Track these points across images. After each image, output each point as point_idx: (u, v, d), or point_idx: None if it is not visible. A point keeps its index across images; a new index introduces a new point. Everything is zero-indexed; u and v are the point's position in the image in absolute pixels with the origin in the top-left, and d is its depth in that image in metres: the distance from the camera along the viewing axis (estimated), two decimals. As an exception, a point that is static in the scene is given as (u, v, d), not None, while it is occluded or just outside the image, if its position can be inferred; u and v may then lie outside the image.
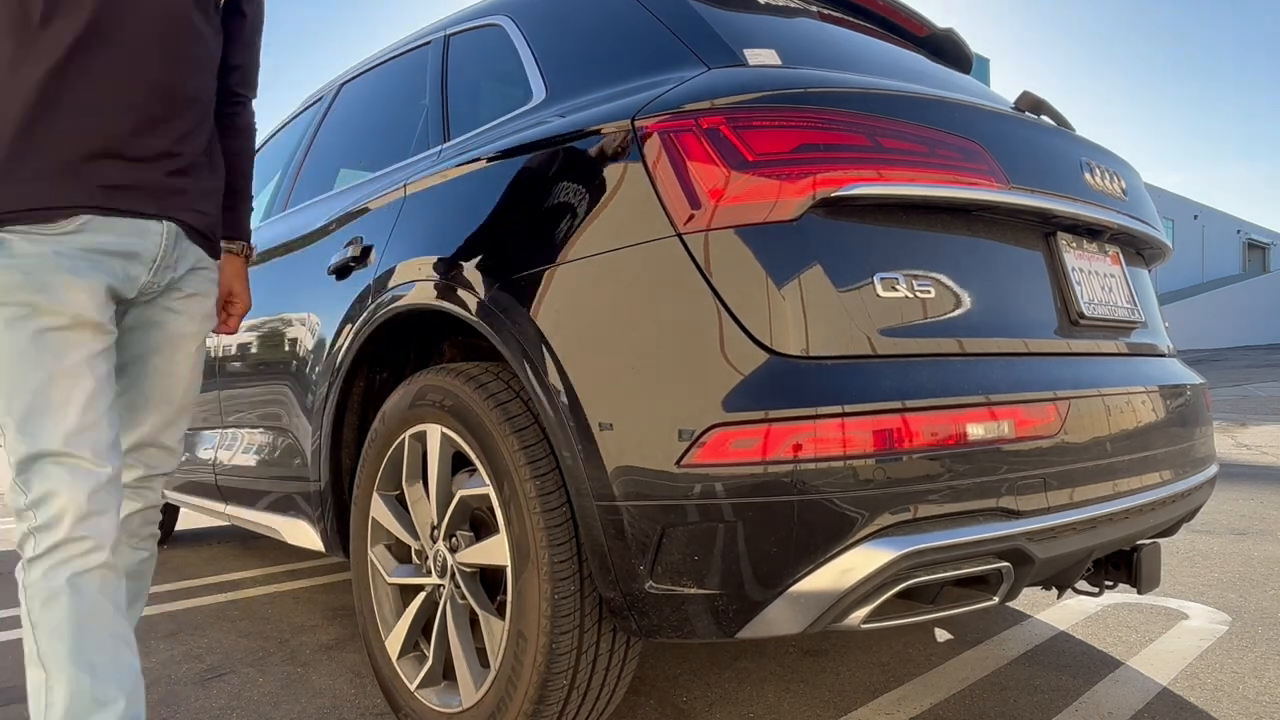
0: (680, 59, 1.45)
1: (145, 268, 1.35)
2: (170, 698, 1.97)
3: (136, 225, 1.32)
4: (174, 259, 1.39)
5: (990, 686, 1.90)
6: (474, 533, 1.59)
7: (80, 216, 1.25)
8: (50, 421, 1.19)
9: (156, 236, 1.34)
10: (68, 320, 1.22)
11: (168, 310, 1.43)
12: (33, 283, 1.20)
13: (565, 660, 1.37)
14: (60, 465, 1.19)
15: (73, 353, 1.22)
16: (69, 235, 1.24)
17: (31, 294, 1.20)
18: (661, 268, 1.26)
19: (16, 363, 1.19)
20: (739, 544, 1.18)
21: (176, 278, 1.42)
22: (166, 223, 1.36)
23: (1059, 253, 1.55)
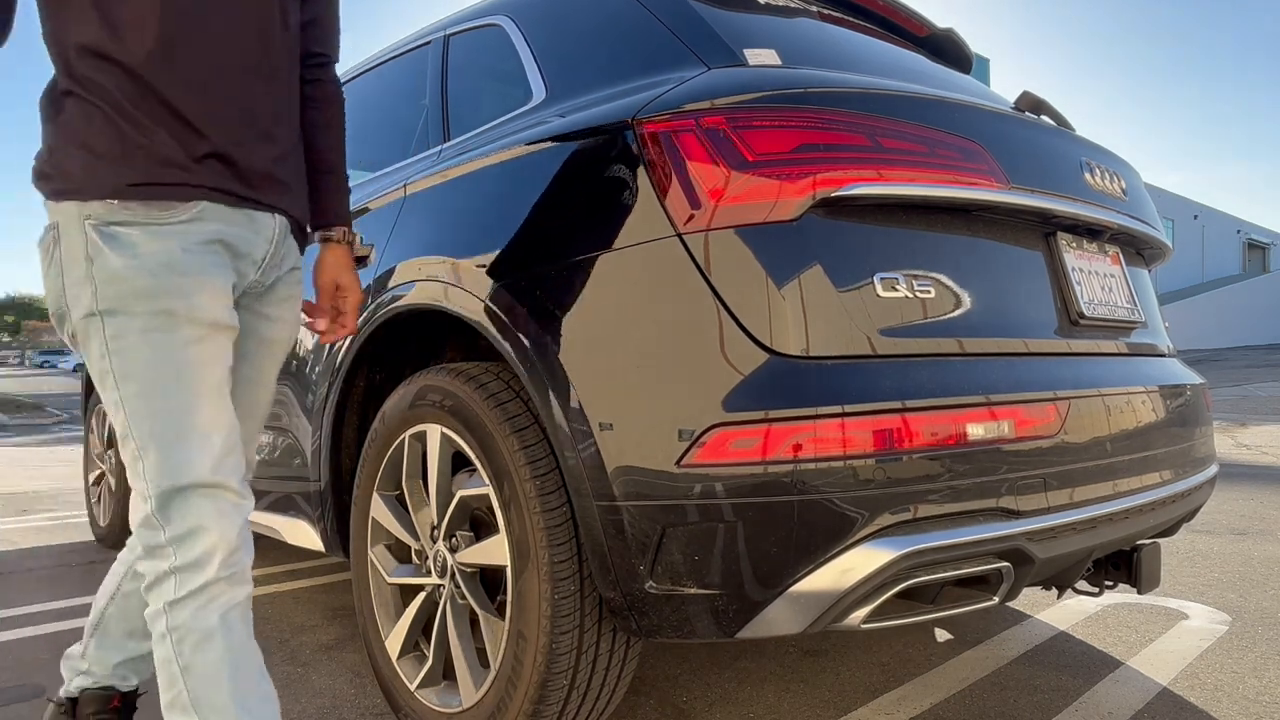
0: (680, 59, 1.45)
1: (254, 266, 1.23)
2: (170, 698, 1.96)
3: (250, 218, 1.20)
4: (279, 257, 1.27)
5: (990, 686, 1.90)
6: (474, 533, 1.59)
7: (198, 203, 1.13)
8: (197, 449, 1.07)
9: (269, 231, 1.23)
10: (205, 328, 1.10)
11: (262, 316, 1.30)
12: (164, 286, 1.07)
13: (565, 660, 1.37)
14: (208, 498, 1.08)
15: (214, 367, 1.11)
16: (188, 224, 1.12)
17: (166, 300, 1.07)
18: (662, 268, 1.26)
19: (157, 381, 1.07)
20: (739, 544, 1.18)
21: (280, 277, 1.30)
22: (278, 216, 1.24)
23: (1059, 253, 1.55)
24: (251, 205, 1.19)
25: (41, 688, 2.04)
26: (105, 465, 3.79)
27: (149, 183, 1.09)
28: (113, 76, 1.09)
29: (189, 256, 1.10)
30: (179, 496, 1.07)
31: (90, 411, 3.97)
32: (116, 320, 1.07)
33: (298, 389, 2.11)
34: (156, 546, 1.07)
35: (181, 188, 1.11)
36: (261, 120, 1.21)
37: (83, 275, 1.07)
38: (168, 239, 1.09)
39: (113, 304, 1.07)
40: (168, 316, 1.07)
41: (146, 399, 1.06)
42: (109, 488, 3.71)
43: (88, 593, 2.95)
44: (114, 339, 1.07)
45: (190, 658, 1.06)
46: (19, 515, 4.83)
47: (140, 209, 1.09)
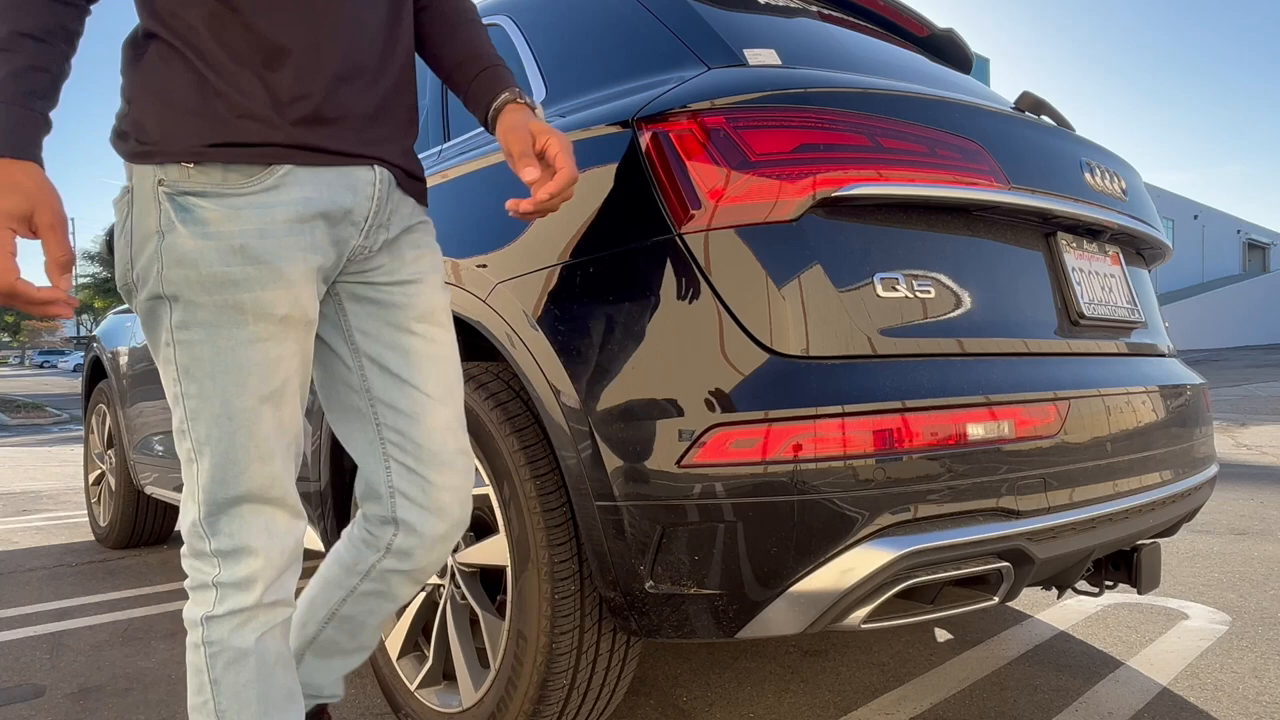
0: (680, 59, 1.45)
1: (356, 230, 1.08)
2: (170, 698, 1.97)
3: (344, 175, 1.05)
4: (385, 215, 1.11)
5: (990, 686, 1.90)
6: (474, 533, 1.59)
7: (282, 166, 1.00)
8: (256, 458, 0.99)
9: (368, 188, 1.07)
10: (277, 325, 0.99)
11: (386, 286, 1.13)
12: (234, 276, 0.97)
13: (565, 660, 1.37)
14: (261, 514, 1.01)
15: (283, 367, 1.01)
16: (271, 193, 0.99)
17: (234, 292, 0.97)
18: (662, 268, 1.26)
19: (219, 383, 0.98)
20: (739, 544, 1.18)
21: (390, 239, 1.12)
22: (378, 168, 1.08)
23: (1059, 253, 1.55)
24: (346, 160, 1.05)
25: (42, 688, 2.04)
26: (105, 465, 3.79)
27: (228, 142, 0.97)
28: (196, 8, 0.97)
29: (266, 240, 0.98)
30: (230, 509, 1.00)
31: (90, 411, 3.97)
32: (182, 308, 0.97)
33: (298, 389, 2.11)
34: (201, 554, 1.02)
35: (265, 149, 0.98)
36: (364, 54, 1.06)
37: (152, 252, 0.97)
38: (245, 215, 0.97)
39: (179, 290, 0.97)
40: (235, 311, 0.97)
41: (206, 400, 0.98)
42: (109, 488, 3.72)
43: (88, 593, 2.95)
44: (179, 328, 0.98)
45: (221, 674, 1.02)
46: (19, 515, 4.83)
47: (218, 174, 0.97)
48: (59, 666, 2.19)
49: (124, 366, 3.44)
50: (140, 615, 2.66)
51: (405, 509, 1.16)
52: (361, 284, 1.13)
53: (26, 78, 0.92)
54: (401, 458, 1.14)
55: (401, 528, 1.17)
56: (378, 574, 1.20)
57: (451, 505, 1.17)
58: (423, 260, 1.16)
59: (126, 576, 3.19)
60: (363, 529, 1.21)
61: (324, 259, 1.04)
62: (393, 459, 1.14)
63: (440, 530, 1.17)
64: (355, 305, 1.13)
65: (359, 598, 1.23)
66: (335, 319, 1.15)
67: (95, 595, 2.91)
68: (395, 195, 1.12)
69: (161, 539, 3.79)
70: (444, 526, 1.17)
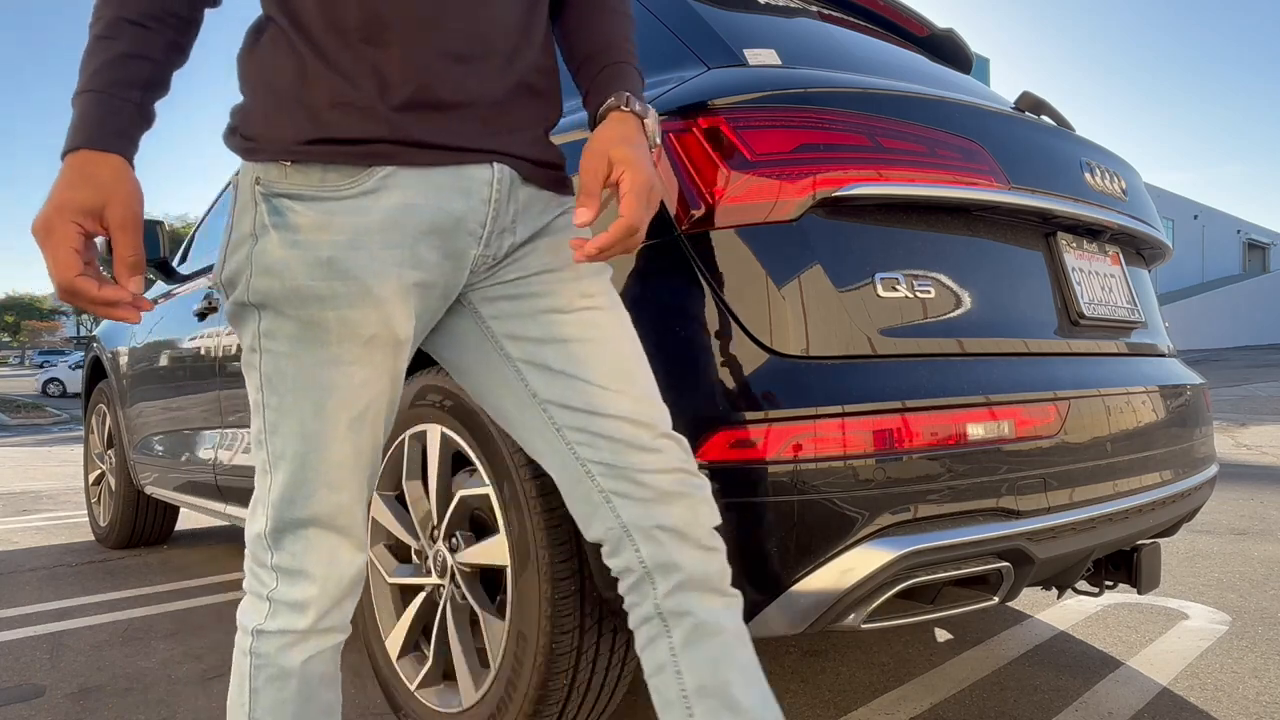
0: (680, 59, 1.45)
1: (474, 240, 0.96)
2: (170, 698, 1.97)
3: (457, 176, 0.93)
4: (509, 219, 0.98)
5: (990, 686, 1.90)
6: (474, 533, 1.59)
7: (381, 168, 0.90)
8: (324, 485, 0.94)
9: (484, 189, 0.95)
10: (363, 345, 0.91)
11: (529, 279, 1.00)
12: (319, 292, 0.89)
13: (565, 660, 1.37)
14: (325, 541, 0.95)
15: (366, 391, 0.93)
16: (369, 197, 0.90)
17: (318, 309, 0.90)
18: (662, 268, 1.26)
19: (299, 397, 0.92)
20: (738, 544, 1.18)
21: (519, 243, 1.00)
22: (498, 165, 0.95)
23: (1059, 253, 1.55)
24: (462, 157, 0.93)
25: (42, 688, 2.04)
26: (105, 465, 3.79)
27: (327, 139, 0.88)
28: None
29: (357, 253, 0.89)
30: (295, 529, 0.95)
31: (90, 411, 3.97)
32: (269, 317, 0.92)
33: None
34: (261, 564, 0.97)
35: (364, 146, 0.89)
36: (494, 31, 0.93)
37: (243, 258, 0.92)
38: (337, 222, 0.89)
39: (264, 299, 0.91)
40: (318, 329, 0.90)
41: (284, 416, 0.93)
42: (109, 488, 3.72)
43: (88, 593, 2.95)
44: (266, 336, 0.93)
45: (262, 686, 0.98)
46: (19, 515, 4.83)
47: (317, 174, 0.89)
48: (59, 666, 2.19)
49: (124, 366, 3.44)
50: (140, 615, 2.66)
51: (626, 510, 0.98)
52: (492, 285, 1.01)
53: (122, 66, 0.87)
54: (596, 456, 0.99)
55: (636, 536, 0.98)
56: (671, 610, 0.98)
57: (673, 486, 0.98)
58: (564, 246, 1.02)
59: (126, 576, 3.19)
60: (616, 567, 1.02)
61: (426, 274, 0.93)
62: (588, 461, 0.99)
63: (675, 517, 0.97)
64: (493, 309, 1.01)
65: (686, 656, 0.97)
66: (479, 333, 1.03)
67: (95, 595, 2.91)
68: (521, 193, 0.98)
69: (161, 539, 3.79)
70: (679, 512, 0.97)
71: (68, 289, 0.84)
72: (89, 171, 0.85)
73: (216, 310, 2.66)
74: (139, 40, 0.88)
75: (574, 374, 0.99)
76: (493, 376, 1.04)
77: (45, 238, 0.83)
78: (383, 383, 0.95)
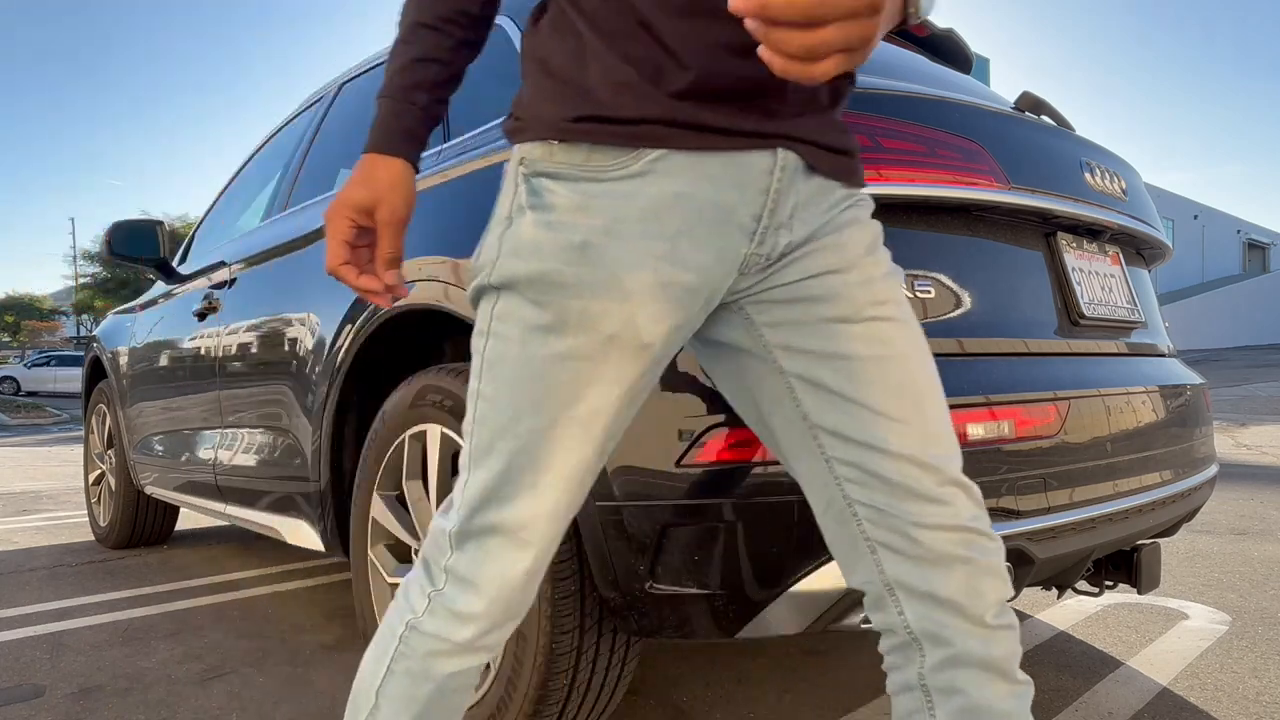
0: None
1: (744, 234, 0.84)
2: (170, 698, 1.97)
3: (734, 164, 0.82)
4: (788, 213, 0.85)
5: (990, 686, 1.90)
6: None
7: (651, 151, 0.81)
8: (527, 492, 0.85)
9: (764, 178, 0.83)
10: (600, 343, 0.82)
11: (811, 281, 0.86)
12: (564, 277, 0.82)
13: (565, 660, 1.37)
14: (508, 555, 0.87)
15: (593, 394, 0.84)
16: (631, 181, 0.82)
17: (559, 296, 0.82)
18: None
19: (517, 390, 0.84)
20: (739, 544, 1.18)
21: (797, 242, 0.86)
22: (782, 152, 0.83)
23: (1059, 253, 1.55)
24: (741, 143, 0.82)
25: (42, 688, 2.04)
26: (105, 465, 3.79)
27: (597, 116, 0.82)
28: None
29: (612, 240, 0.81)
30: (481, 535, 0.87)
31: (90, 411, 3.97)
32: (506, 299, 0.85)
33: (298, 389, 2.11)
34: (436, 560, 0.90)
35: (636, 126, 0.81)
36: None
37: (495, 241, 0.87)
38: (597, 205, 0.82)
39: (507, 281, 0.85)
40: (556, 318, 0.82)
41: (498, 408, 0.85)
42: (109, 488, 3.72)
43: (88, 593, 2.95)
44: (498, 319, 0.86)
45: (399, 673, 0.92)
46: (19, 515, 4.83)
47: (582, 153, 0.83)
48: (59, 666, 2.19)
49: (124, 366, 3.44)
50: (140, 615, 2.66)
51: (893, 565, 0.85)
52: (768, 289, 0.88)
53: (414, 70, 0.93)
54: (867, 498, 0.85)
55: (901, 595, 0.85)
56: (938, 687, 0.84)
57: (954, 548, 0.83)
58: (851, 244, 0.88)
59: (126, 576, 3.19)
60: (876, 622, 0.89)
61: (687, 273, 0.83)
62: (857, 503, 0.86)
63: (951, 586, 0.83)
64: (767, 315, 0.89)
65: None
66: (750, 340, 0.90)
67: (95, 595, 2.91)
68: (804, 184, 0.86)
69: (161, 539, 3.79)
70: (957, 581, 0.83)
71: (332, 272, 0.94)
72: (371, 173, 0.92)
73: (216, 310, 2.66)
74: (430, 43, 0.94)
75: (853, 397, 0.85)
76: (761, 390, 0.91)
77: (327, 225, 0.93)
78: (614, 391, 0.84)
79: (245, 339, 2.43)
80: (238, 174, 3.37)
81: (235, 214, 3.20)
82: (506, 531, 0.86)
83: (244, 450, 2.44)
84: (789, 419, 0.90)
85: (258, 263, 2.50)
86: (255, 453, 2.37)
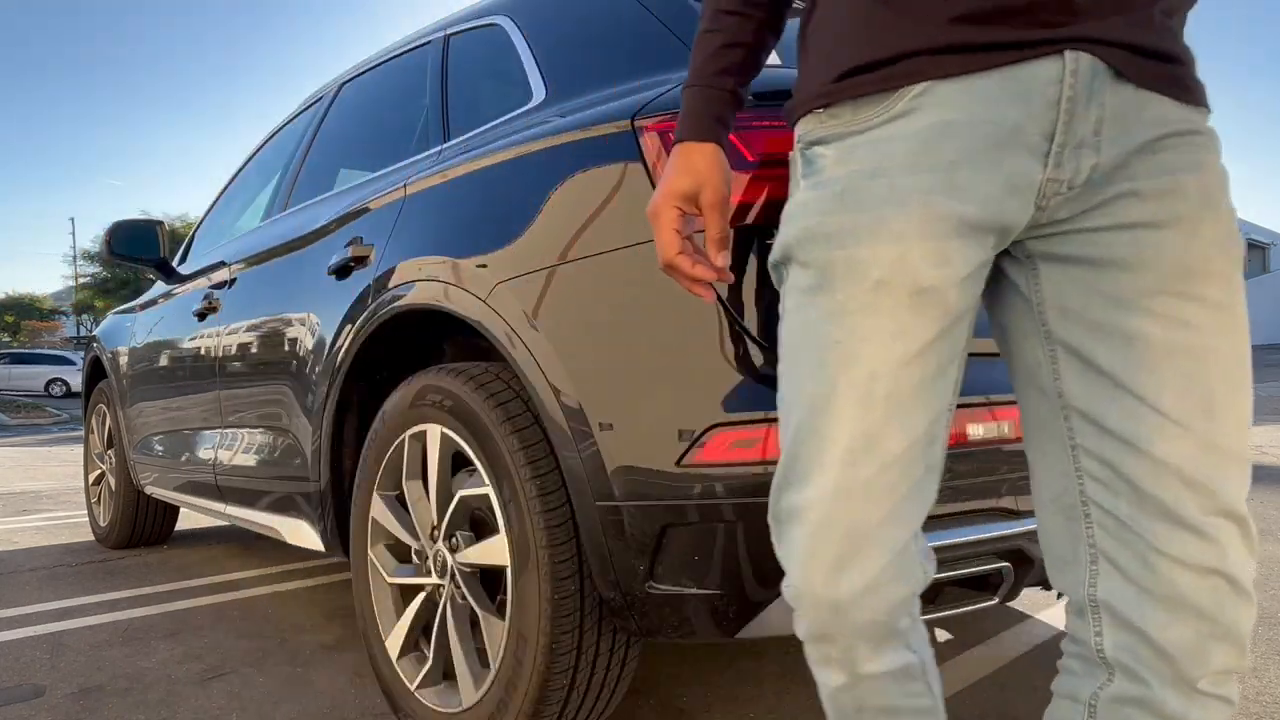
0: (680, 59, 1.45)
1: (1035, 156, 0.73)
2: (170, 698, 1.97)
3: (1012, 78, 0.72)
4: (1092, 126, 0.72)
5: (990, 686, 1.90)
6: (474, 533, 1.59)
7: (911, 87, 0.74)
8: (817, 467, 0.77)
9: (1051, 88, 0.72)
10: (869, 291, 0.75)
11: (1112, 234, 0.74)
12: (826, 228, 0.77)
13: (565, 660, 1.37)
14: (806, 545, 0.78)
15: (867, 351, 0.75)
16: (893, 124, 0.76)
17: (823, 248, 0.77)
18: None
19: (801, 356, 0.79)
20: (739, 544, 1.18)
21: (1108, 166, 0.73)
22: (1071, 55, 0.71)
23: (1059, 253, 1.55)
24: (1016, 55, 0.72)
25: (42, 688, 2.04)
26: (105, 465, 3.79)
27: (851, 69, 0.77)
28: None
29: (874, 182, 0.75)
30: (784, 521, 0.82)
31: (90, 411, 3.97)
32: (788, 272, 0.83)
33: (298, 389, 2.11)
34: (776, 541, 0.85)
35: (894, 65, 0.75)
36: None
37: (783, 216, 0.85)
38: (858, 154, 0.77)
39: (786, 252, 0.82)
40: (825, 274, 0.77)
41: (788, 381, 0.81)
42: (109, 488, 3.72)
43: (88, 593, 2.95)
44: (784, 296, 0.84)
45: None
46: (19, 515, 4.83)
47: (847, 113, 0.79)
48: (59, 666, 2.19)
49: (124, 366, 3.44)
50: (140, 615, 2.66)
51: (1110, 585, 0.74)
52: (1061, 234, 0.76)
53: (721, 56, 0.92)
54: (1107, 503, 0.74)
55: (1105, 618, 0.75)
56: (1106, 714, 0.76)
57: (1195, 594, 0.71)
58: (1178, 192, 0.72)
59: (126, 576, 3.19)
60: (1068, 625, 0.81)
61: (969, 205, 0.73)
62: (1094, 504, 0.75)
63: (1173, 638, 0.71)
64: (1051, 269, 0.77)
65: None
66: (1025, 291, 0.80)
67: (95, 595, 2.91)
68: (1110, 94, 0.72)
69: (161, 539, 3.79)
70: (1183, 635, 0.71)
71: (668, 264, 0.93)
72: (688, 160, 0.92)
73: (216, 310, 2.66)
74: (733, 29, 0.93)
75: (1126, 383, 0.72)
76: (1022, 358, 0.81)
77: (654, 220, 0.93)
78: (894, 350, 0.75)
79: (245, 339, 2.43)
80: (238, 174, 3.37)
81: (235, 214, 3.21)
82: (805, 518, 0.78)
83: (244, 450, 2.44)
84: (1044, 390, 0.79)
85: (258, 263, 2.50)
86: (255, 453, 2.37)
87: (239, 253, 2.68)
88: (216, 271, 2.79)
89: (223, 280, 2.69)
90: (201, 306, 2.75)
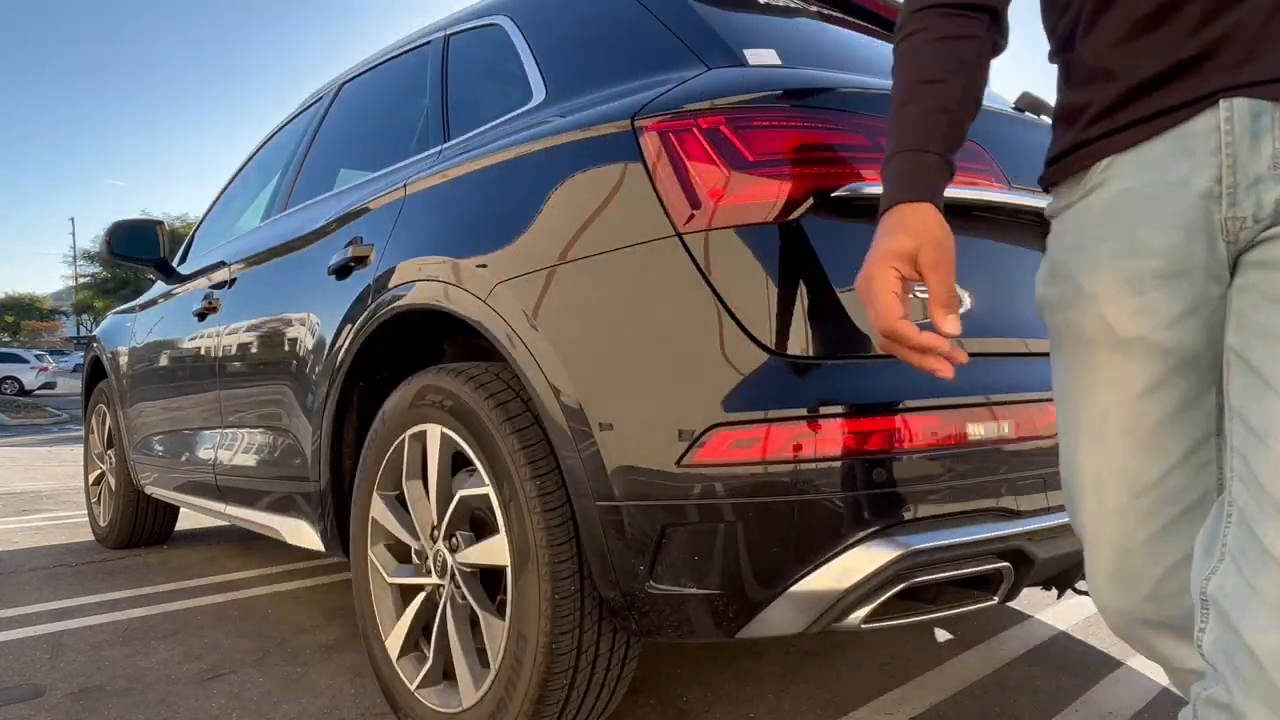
0: (680, 59, 1.45)
1: (1209, 201, 0.78)
2: (170, 698, 1.97)
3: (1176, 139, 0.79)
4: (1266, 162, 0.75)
5: (990, 686, 1.90)
6: (474, 533, 1.59)
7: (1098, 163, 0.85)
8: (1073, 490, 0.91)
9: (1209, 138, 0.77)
10: (1084, 347, 0.87)
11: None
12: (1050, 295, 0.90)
13: (565, 660, 1.37)
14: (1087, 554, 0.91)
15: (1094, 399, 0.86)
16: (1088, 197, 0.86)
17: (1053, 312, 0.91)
18: (662, 268, 1.26)
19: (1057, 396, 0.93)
20: (739, 544, 1.18)
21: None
22: (1225, 102, 0.76)
23: (1059, 253, 1.55)
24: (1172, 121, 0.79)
25: (42, 688, 2.04)
26: (105, 465, 3.79)
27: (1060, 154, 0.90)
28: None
29: (1075, 255, 0.86)
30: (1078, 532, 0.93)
31: (90, 411, 3.97)
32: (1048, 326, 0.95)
33: (298, 389, 2.11)
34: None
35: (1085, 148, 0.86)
36: None
37: None
38: (1066, 228, 0.89)
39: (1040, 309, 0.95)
40: (1056, 336, 0.91)
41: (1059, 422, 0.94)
42: (109, 488, 3.72)
43: (88, 593, 2.95)
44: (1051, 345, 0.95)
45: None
46: (19, 515, 4.83)
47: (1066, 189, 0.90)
48: (59, 666, 2.19)
49: (124, 366, 3.44)
50: (140, 615, 2.66)
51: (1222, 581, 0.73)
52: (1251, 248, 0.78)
53: (925, 123, 0.92)
54: (1241, 500, 0.73)
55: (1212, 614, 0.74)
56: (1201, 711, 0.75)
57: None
58: None
59: (126, 576, 3.19)
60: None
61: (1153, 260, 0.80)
62: (1235, 500, 0.74)
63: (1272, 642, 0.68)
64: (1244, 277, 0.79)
65: None
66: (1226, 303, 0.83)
67: (95, 595, 2.91)
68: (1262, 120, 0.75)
69: (161, 539, 3.79)
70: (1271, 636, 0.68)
71: (890, 331, 0.88)
72: (902, 220, 0.90)
73: (216, 310, 2.66)
74: (937, 97, 0.93)
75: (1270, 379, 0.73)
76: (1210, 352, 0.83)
77: (867, 287, 0.90)
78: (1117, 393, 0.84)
79: (245, 339, 2.43)
80: (238, 174, 3.37)
81: (235, 214, 3.21)
82: (1080, 530, 0.91)
83: (244, 450, 2.44)
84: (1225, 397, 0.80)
85: (258, 263, 2.50)
86: (255, 453, 2.37)
87: (239, 253, 2.68)
88: (216, 271, 2.79)
89: (223, 280, 2.69)
90: (201, 306, 2.75)
